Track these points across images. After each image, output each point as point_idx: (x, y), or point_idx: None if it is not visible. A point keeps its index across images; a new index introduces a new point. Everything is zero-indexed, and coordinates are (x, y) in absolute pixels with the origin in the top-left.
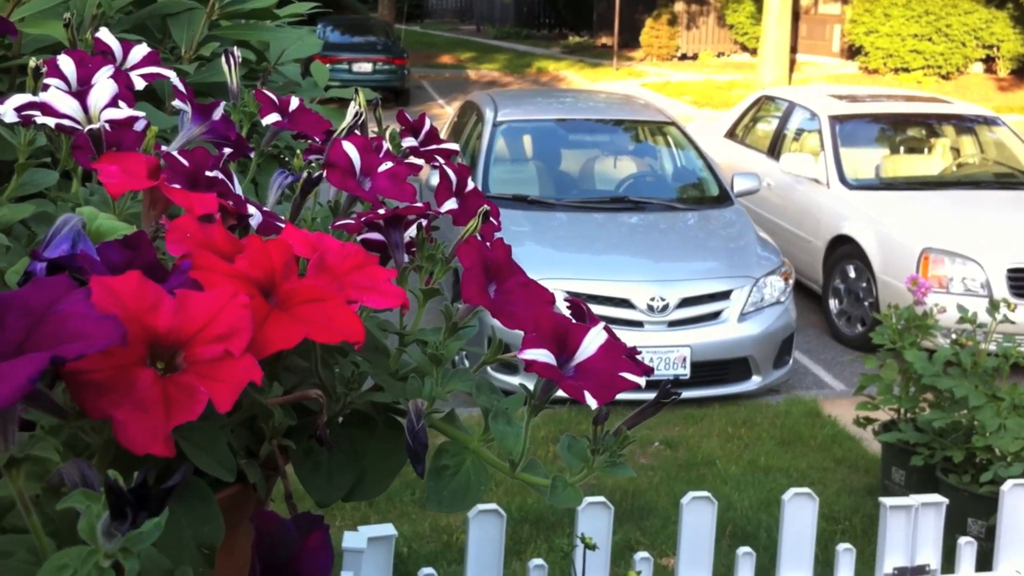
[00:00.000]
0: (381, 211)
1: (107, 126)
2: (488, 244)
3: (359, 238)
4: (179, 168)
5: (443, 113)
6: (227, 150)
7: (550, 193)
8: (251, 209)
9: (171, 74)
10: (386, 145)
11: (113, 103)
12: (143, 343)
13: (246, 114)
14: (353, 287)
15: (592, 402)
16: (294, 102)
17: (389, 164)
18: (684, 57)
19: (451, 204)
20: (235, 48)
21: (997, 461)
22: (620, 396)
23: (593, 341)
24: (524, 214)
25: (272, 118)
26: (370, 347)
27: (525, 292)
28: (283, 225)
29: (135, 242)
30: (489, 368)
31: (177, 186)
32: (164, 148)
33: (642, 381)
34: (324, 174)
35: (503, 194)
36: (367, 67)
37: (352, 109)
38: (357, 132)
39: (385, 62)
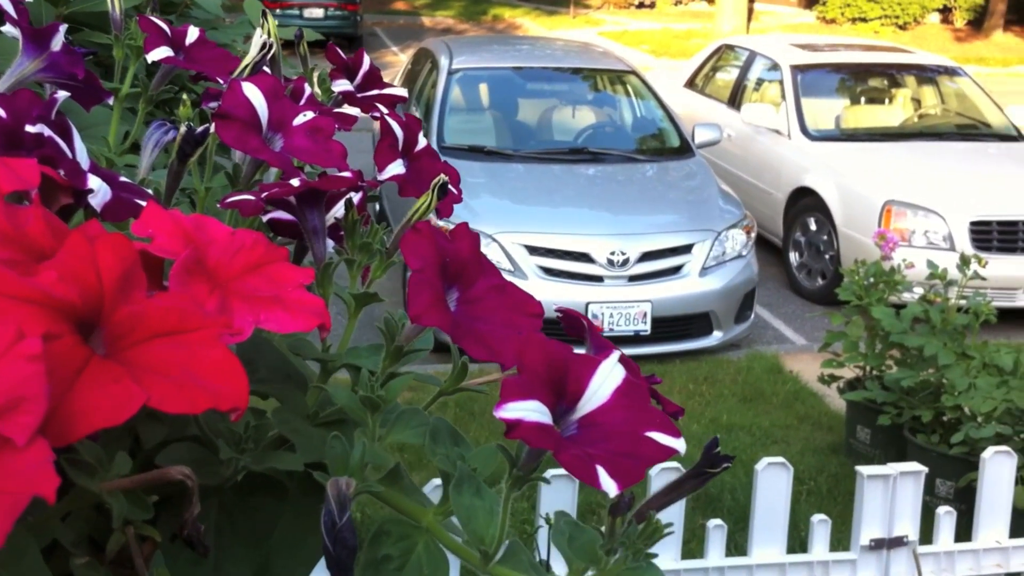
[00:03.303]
0: (294, 181)
1: None
2: (448, 231)
3: (265, 219)
4: None
5: (397, 61)
6: (63, 93)
7: (507, 144)
8: (93, 181)
9: None
10: (310, 90)
11: None
12: None
13: (132, 49)
14: (245, 300)
15: (611, 487)
16: (192, 33)
17: (309, 115)
18: (642, 5)
19: (396, 168)
20: None
21: (967, 421)
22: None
23: (606, 381)
24: (480, 165)
25: (160, 53)
26: (279, 376)
27: (500, 302)
28: (145, 204)
29: None
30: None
31: None
32: None
33: (681, 446)
34: (213, 128)
35: (459, 145)
36: (319, 12)
37: (258, 39)
38: (267, 71)
39: (337, 7)
